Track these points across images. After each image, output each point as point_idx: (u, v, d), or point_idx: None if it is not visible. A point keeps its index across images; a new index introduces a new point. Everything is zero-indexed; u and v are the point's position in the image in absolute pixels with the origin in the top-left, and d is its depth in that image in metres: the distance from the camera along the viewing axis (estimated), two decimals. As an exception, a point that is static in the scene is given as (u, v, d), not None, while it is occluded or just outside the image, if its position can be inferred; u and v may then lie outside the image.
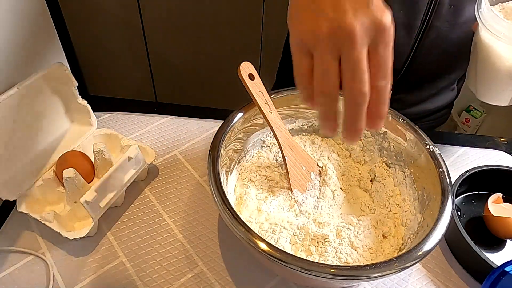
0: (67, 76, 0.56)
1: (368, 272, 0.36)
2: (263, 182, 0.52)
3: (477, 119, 1.56)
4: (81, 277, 0.48)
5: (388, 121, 0.52)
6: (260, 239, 0.38)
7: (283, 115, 0.55)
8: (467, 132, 1.60)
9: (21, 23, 0.55)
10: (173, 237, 0.52)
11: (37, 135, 0.56)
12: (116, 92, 1.69)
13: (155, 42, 1.51)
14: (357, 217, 0.49)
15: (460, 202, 0.58)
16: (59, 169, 0.54)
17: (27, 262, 0.49)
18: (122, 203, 0.55)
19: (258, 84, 0.48)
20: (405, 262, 0.37)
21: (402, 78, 0.64)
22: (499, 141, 0.69)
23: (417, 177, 0.50)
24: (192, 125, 0.68)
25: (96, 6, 1.41)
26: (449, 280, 0.49)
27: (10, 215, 0.53)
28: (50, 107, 0.58)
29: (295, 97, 0.54)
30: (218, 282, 0.48)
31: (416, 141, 0.49)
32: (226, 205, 0.40)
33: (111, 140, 0.61)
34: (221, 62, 1.51)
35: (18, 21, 0.55)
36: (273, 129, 0.49)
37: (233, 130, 0.49)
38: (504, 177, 0.57)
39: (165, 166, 0.61)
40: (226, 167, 0.49)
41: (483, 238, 0.53)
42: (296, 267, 0.36)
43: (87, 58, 1.59)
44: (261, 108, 0.48)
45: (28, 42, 0.58)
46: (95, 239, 0.51)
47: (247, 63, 0.47)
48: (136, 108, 0.71)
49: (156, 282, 0.47)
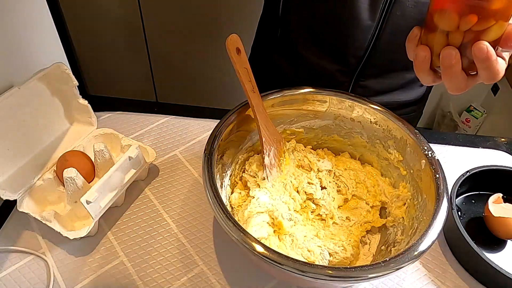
0: (67, 75, 0.56)
1: (364, 273, 0.36)
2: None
3: (477, 119, 1.56)
4: (81, 276, 0.48)
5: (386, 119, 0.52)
6: (256, 242, 0.37)
7: (283, 115, 0.56)
8: (467, 132, 1.60)
9: (22, 23, 0.56)
10: (173, 237, 0.52)
11: (37, 135, 0.56)
12: (116, 92, 1.69)
13: (156, 42, 1.51)
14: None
15: (461, 202, 0.58)
16: (60, 168, 0.54)
17: (27, 261, 0.49)
18: (123, 203, 0.55)
19: (244, 60, 0.48)
20: (401, 263, 0.37)
21: (368, 60, 0.63)
22: (500, 141, 0.69)
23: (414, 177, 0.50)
24: (192, 125, 0.68)
25: (96, 6, 1.41)
26: (449, 280, 0.49)
27: (10, 214, 0.53)
28: (51, 107, 0.58)
29: (295, 97, 0.54)
30: (218, 282, 0.48)
31: (415, 145, 0.49)
32: (222, 207, 0.40)
33: (112, 140, 0.61)
34: (221, 62, 1.51)
35: (18, 21, 0.55)
36: (253, 107, 0.49)
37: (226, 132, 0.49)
38: (504, 177, 0.57)
39: (165, 166, 0.61)
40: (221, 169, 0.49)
41: (483, 238, 0.53)
42: (293, 269, 0.36)
43: (87, 58, 1.59)
44: (244, 84, 0.48)
45: (29, 42, 0.58)
46: (96, 239, 0.51)
47: (235, 36, 0.47)
48: (137, 108, 0.71)
49: (156, 282, 0.47)
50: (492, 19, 0.34)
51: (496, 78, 0.36)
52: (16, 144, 0.53)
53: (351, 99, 0.54)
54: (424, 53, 0.38)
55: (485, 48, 0.34)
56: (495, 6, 0.33)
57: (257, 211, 0.48)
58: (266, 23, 0.74)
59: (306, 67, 0.68)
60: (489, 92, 1.55)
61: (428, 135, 0.70)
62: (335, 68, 0.65)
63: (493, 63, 0.35)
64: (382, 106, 0.53)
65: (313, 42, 0.65)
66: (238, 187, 0.53)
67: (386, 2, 0.55)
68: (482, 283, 0.49)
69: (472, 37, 0.35)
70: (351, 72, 0.65)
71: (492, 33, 0.34)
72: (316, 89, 0.54)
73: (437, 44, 0.37)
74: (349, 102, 0.54)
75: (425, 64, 0.38)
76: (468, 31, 0.35)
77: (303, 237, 0.49)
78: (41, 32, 0.61)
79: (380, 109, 0.52)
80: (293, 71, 0.70)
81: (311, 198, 0.53)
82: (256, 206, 0.49)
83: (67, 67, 0.56)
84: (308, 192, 0.53)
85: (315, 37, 0.64)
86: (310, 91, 0.54)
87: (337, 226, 0.52)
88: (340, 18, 0.59)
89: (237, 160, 0.54)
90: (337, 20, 0.59)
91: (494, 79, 0.36)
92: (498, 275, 0.45)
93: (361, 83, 0.66)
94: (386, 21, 0.57)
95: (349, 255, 0.48)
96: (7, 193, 0.49)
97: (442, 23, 0.36)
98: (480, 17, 0.33)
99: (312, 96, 0.54)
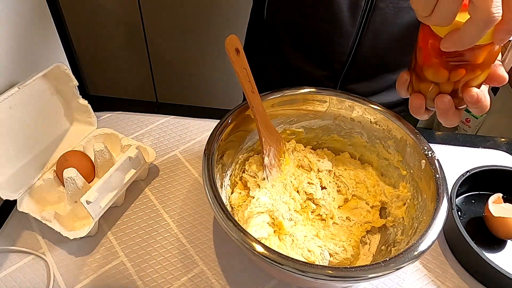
0: (67, 75, 0.56)
1: (364, 273, 0.36)
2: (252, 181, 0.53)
3: (477, 119, 1.56)
4: (81, 276, 0.48)
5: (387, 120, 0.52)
6: (256, 242, 0.37)
7: (283, 115, 0.55)
8: (467, 132, 1.60)
9: (22, 23, 0.56)
10: (173, 237, 0.52)
11: (37, 135, 0.56)
12: (116, 92, 1.69)
13: (156, 42, 1.51)
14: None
15: (461, 202, 0.58)
16: (60, 168, 0.54)
17: (27, 261, 0.49)
18: (123, 203, 0.55)
19: (243, 61, 0.48)
20: (401, 263, 0.37)
21: (352, 65, 0.64)
22: (500, 141, 0.69)
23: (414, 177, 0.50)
24: (192, 125, 0.68)
25: (96, 6, 1.41)
26: (449, 280, 0.49)
27: (10, 214, 0.53)
28: (51, 107, 0.58)
29: (295, 97, 0.54)
30: (218, 282, 0.48)
31: (415, 145, 0.49)
32: (222, 207, 0.40)
33: (112, 140, 0.61)
34: (221, 62, 1.51)
35: (18, 21, 0.55)
36: (253, 108, 0.49)
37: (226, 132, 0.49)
38: (504, 177, 0.57)
39: (165, 166, 0.61)
40: (221, 169, 0.49)
41: (483, 238, 0.53)
42: (293, 269, 0.36)
43: (87, 58, 1.59)
44: (243, 84, 0.48)
45: (29, 42, 0.58)
46: (96, 239, 0.51)
47: (234, 36, 0.46)
48: (137, 108, 0.71)
49: (156, 282, 0.47)
50: (478, 70, 0.36)
51: (484, 111, 0.39)
52: (16, 144, 0.53)
53: (351, 99, 0.54)
54: (419, 101, 0.41)
55: (475, 95, 0.37)
56: (479, 61, 0.36)
57: (257, 211, 0.48)
58: (253, 30, 0.75)
59: (293, 73, 0.69)
60: (489, 92, 1.55)
61: (428, 135, 0.70)
62: (321, 73, 0.67)
63: (483, 103, 0.38)
64: (382, 106, 0.53)
65: (298, 49, 0.66)
66: (238, 187, 0.53)
67: (366, 9, 0.56)
68: (482, 283, 0.49)
69: (462, 84, 0.38)
70: (336, 76, 0.66)
71: (480, 78, 0.38)
72: (316, 89, 0.54)
73: (430, 93, 0.40)
74: (349, 102, 0.54)
75: (421, 109, 0.42)
76: (457, 80, 0.38)
77: (303, 237, 0.49)
78: (41, 32, 0.61)
79: (380, 109, 0.52)
80: (281, 76, 0.72)
81: (311, 198, 0.53)
82: (256, 206, 0.49)
83: (67, 67, 0.56)
84: (308, 192, 0.53)
85: (300, 44, 0.65)
86: (310, 91, 0.54)
87: (337, 226, 0.52)
88: (322, 25, 0.60)
89: (237, 160, 0.54)
90: (319, 27, 0.61)
91: (483, 112, 0.39)
92: (498, 275, 0.45)
93: (347, 87, 0.67)
94: (367, 27, 0.58)
95: (349, 255, 0.48)
96: (7, 193, 0.49)
97: (434, 77, 0.39)
98: (467, 70, 0.36)
99: (312, 96, 0.54)
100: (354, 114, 0.54)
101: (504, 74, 0.38)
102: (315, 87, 0.55)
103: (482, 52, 0.35)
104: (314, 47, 0.64)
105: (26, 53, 0.58)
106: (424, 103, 0.41)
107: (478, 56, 0.35)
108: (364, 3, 0.56)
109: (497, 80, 0.38)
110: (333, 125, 0.57)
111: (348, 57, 0.63)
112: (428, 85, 0.40)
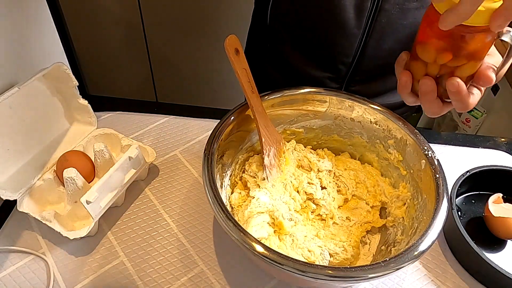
0: (67, 75, 0.56)
1: (364, 273, 0.36)
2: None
3: (477, 119, 1.56)
4: (81, 276, 0.48)
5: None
6: (256, 242, 0.37)
7: (283, 115, 0.55)
8: (467, 132, 1.60)
9: (22, 23, 0.56)
10: (173, 237, 0.52)
11: (37, 135, 0.56)
12: (116, 92, 1.69)
13: (156, 41, 1.51)
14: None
15: (461, 202, 0.58)
16: (60, 168, 0.54)
17: (27, 261, 0.49)
18: (123, 203, 0.55)
19: (242, 61, 0.48)
20: (401, 263, 0.37)
21: (357, 67, 0.64)
22: (500, 141, 0.69)
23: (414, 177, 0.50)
24: (192, 125, 0.68)
25: (96, 6, 1.41)
26: (449, 280, 0.49)
27: (10, 214, 0.53)
28: (51, 107, 0.58)
29: (295, 97, 0.54)
30: (218, 282, 0.48)
31: (415, 145, 0.49)
32: (222, 207, 0.40)
33: (112, 140, 0.61)
34: (221, 62, 1.51)
35: (18, 21, 0.55)
36: (252, 108, 0.49)
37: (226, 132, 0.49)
38: (504, 177, 0.57)
39: (165, 166, 0.61)
40: (221, 169, 0.49)
41: (483, 238, 0.53)
42: (293, 269, 0.36)
43: (87, 58, 1.59)
44: (243, 85, 0.48)
45: (29, 42, 0.58)
46: (96, 239, 0.51)
47: (234, 36, 0.46)
48: (137, 108, 0.71)
49: (156, 282, 0.47)
50: (464, 59, 0.38)
51: (467, 109, 0.40)
52: (16, 144, 0.53)
53: (351, 99, 0.54)
54: (406, 78, 0.43)
55: (456, 84, 0.38)
56: (469, 48, 0.37)
57: (257, 211, 0.48)
58: (255, 33, 0.75)
59: (296, 75, 0.69)
60: (489, 92, 1.55)
61: (428, 135, 0.70)
62: (325, 75, 0.66)
63: (464, 97, 0.39)
64: (382, 106, 0.53)
65: (301, 51, 0.66)
66: (238, 187, 0.53)
67: (372, 10, 0.56)
68: (482, 283, 0.49)
69: (448, 71, 0.39)
70: (341, 78, 0.66)
71: (466, 70, 0.39)
72: (316, 89, 0.54)
73: (417, 72, 0.42)
74: (349, 102, 0.54)
75: (406, 88, 0.43)
76: (444, 65, 0.39)
77: (304, 237, 0.49)
78: (41, 32, 0.61)
79: (380, 109, 0.53)
80: (283, 78, 0.71)
81: (311, 198, 0.53)
82: (256, 206, 0.49)
83: (67, 67, 0.56)
84: (308, 192, 0.53)
85: (303, 47, 0.65)
86: (310, 91, 0.54)
87: (337, 226, 0.52)
88: (327, 27, 0.60)
89: (237, 160, 0.54)
90: (324, 29, 0.60)
91: (464, 109, 0.40)
92: (498, 275, 0.45)
93: (351, 88, 0.67)
94: (373, 29, 0.58)
95: (349, 256, 0.48)
96: (7, 193, 0.49)
97: (422, 55, 0.40)
98: (454, 55, 0.38)
99: (312, 96, 0.54)
100: (354, 114, 0.54)
101: (492, 75, 0.39)
102: (315, 87, 0.55)
103: (473, 39, 0.36)
104: (318, 49, 0.64)
105: (26, 53, 0.58)
106: (411, 82, 0.43)
107: (469, 42, 0.36)
108: (370, 5, 0.56)
109: (483, 79, 0.39)
110: (333, 125, 0.57)
111: (353, 59, 0.63)
112: (416, 64, 0.41)
